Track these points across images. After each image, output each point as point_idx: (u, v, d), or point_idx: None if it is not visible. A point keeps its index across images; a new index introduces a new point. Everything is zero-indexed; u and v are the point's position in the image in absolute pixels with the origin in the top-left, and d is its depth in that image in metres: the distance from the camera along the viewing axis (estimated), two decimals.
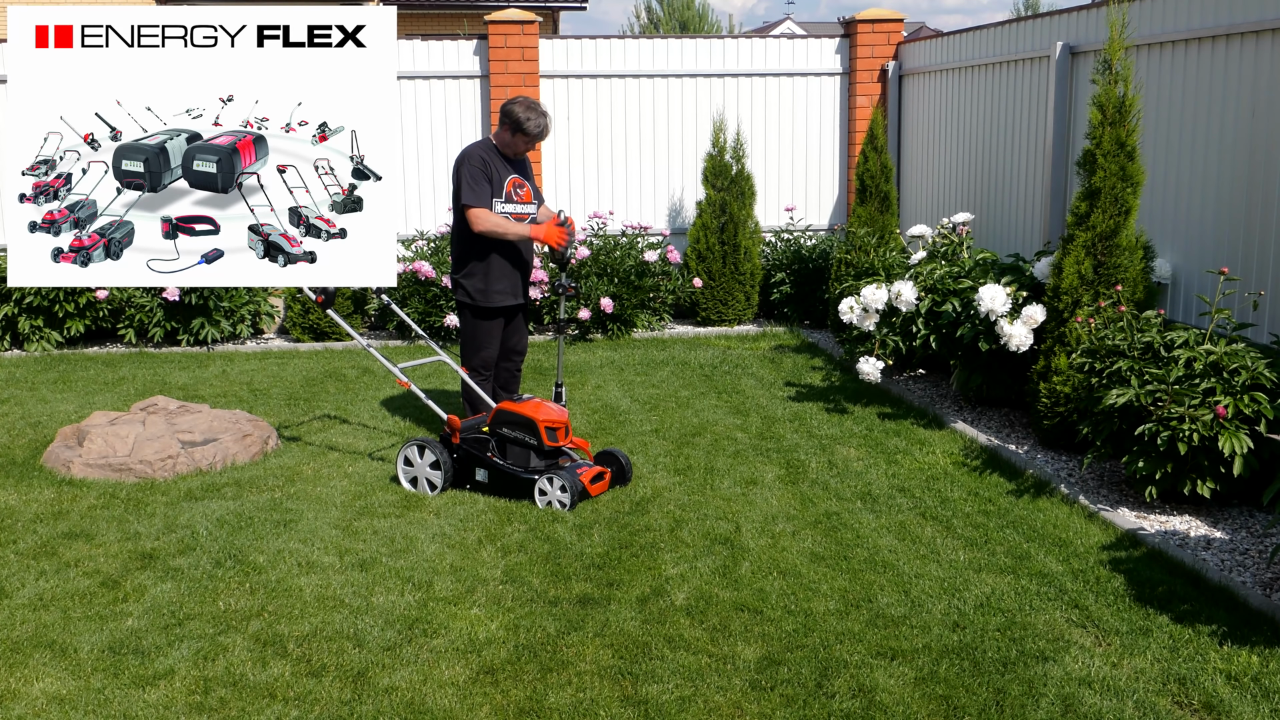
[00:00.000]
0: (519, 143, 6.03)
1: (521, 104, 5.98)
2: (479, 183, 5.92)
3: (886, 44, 10.51)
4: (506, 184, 6.03)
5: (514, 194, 6.07)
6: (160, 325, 9.36)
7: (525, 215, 6.12)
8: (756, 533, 5.07)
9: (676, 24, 46.24)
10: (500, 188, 6.01)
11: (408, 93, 10.37)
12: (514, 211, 6.06)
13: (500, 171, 6.02)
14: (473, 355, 6.22)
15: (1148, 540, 4.88)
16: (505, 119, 5.99)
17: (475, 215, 5.90)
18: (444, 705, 3.64)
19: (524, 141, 6.02)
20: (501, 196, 6.01)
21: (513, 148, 6.06)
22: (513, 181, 6.07)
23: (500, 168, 6.03)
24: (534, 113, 5.96)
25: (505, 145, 6.06)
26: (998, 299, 6.40)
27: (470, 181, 5.92)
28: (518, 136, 6.00)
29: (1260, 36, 5.82)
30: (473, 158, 5.98)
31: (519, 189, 6.10)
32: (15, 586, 4.54)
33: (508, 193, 6.04)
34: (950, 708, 3.60)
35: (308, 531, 5.10)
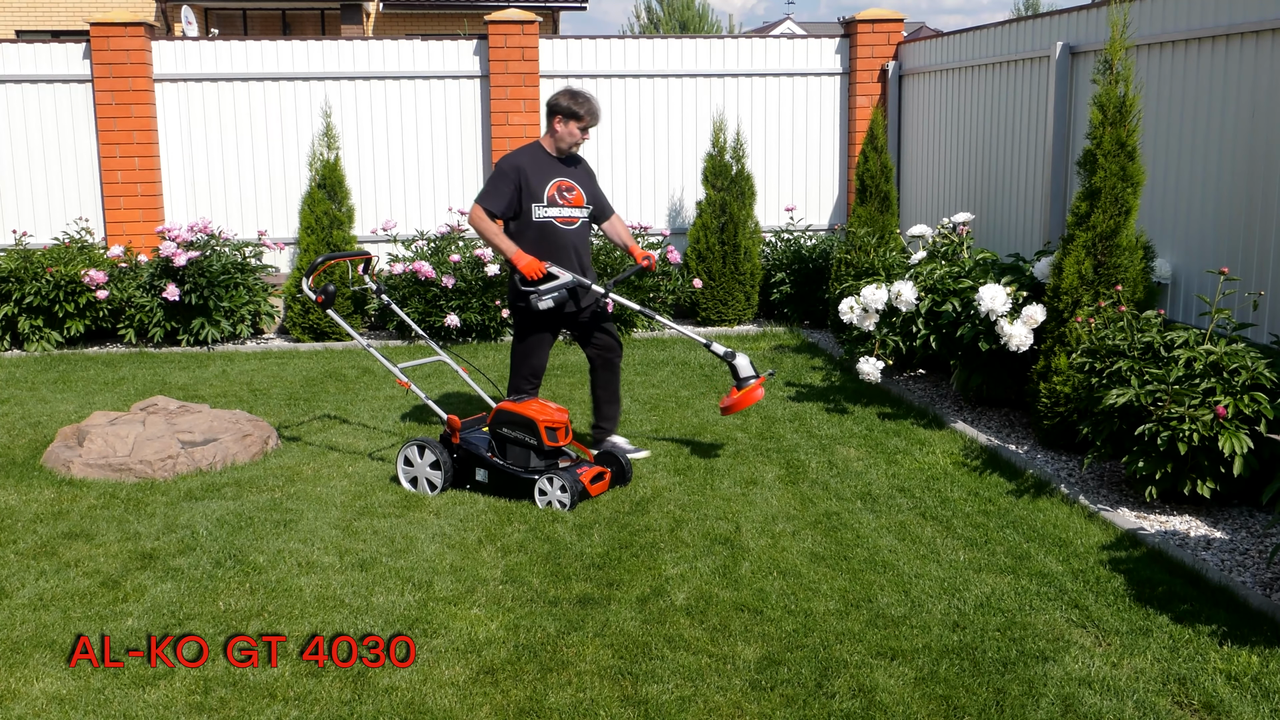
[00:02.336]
0: (574, 131, 5.88)
1: (566, 94, 5.88)
2: (498, 186, 5.84)
3: (886, 44, 10.51)
4: (550, 187, 5.90)
5: (559, 197, 5.92)
6: (160, 325, 9.36)
7: (574, 219, 5.97)
8: (756, 533, 5.07)
9: (676, 24, 46.23)
10: (540, 192, 5.88)
11: (408, 93, 10.37)
12: (559, 216, 5.92)
13: (543, 175, 5.90)
14: (521, 363, 6.11)
15: (1148, 540, 4.88)
16: (554, 111, 5.87)
17: (472, 211, 5.88)
18: (444, 705, 3.64)
19: (579, 127, 5.87)
20: (542, 200, 5.88)
21: (567, 140, 5.90)
22: (559, 184, 5.93)
23: (545, 171, 5.91)
24: (580, 96, 5.87)
25: (560, 139, 5.92)
26: (998, 299, 6.40)
27: (491, 182, 5.88)
28: (571, 124, 5.86)
29: (1260, 36, 5.82)
30: (507, 162, 5.91)
31: (567, 191, 5.95)
32: (15, 586, 4.54)
33: (550, 196, 5.89)
34: (950, 708, 3.59)
35: (308, 531, 5.10)
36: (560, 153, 5.98)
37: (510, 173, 5.86)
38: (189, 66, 10.15)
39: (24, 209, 10.15)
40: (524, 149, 6.02)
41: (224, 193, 10.36)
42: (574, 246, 6.00)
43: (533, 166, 5.90)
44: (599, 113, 5.97)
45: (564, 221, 5.95)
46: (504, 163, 5.93)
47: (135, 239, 10.01)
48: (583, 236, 6.06)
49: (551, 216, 5.91)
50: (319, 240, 9.69)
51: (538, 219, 5.89)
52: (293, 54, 10.22)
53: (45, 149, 10.11)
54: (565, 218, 5.95)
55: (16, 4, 23.40)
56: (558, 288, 5.81)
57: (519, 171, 5.86)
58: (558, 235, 5.94)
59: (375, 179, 10.45)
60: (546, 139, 5.98)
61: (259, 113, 10.29)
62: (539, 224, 5.90)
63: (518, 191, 5.86)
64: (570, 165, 6.03)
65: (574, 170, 6.04)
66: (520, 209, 5.89)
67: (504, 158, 5.97)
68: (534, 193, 5.87)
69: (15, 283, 9.20)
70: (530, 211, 5.88)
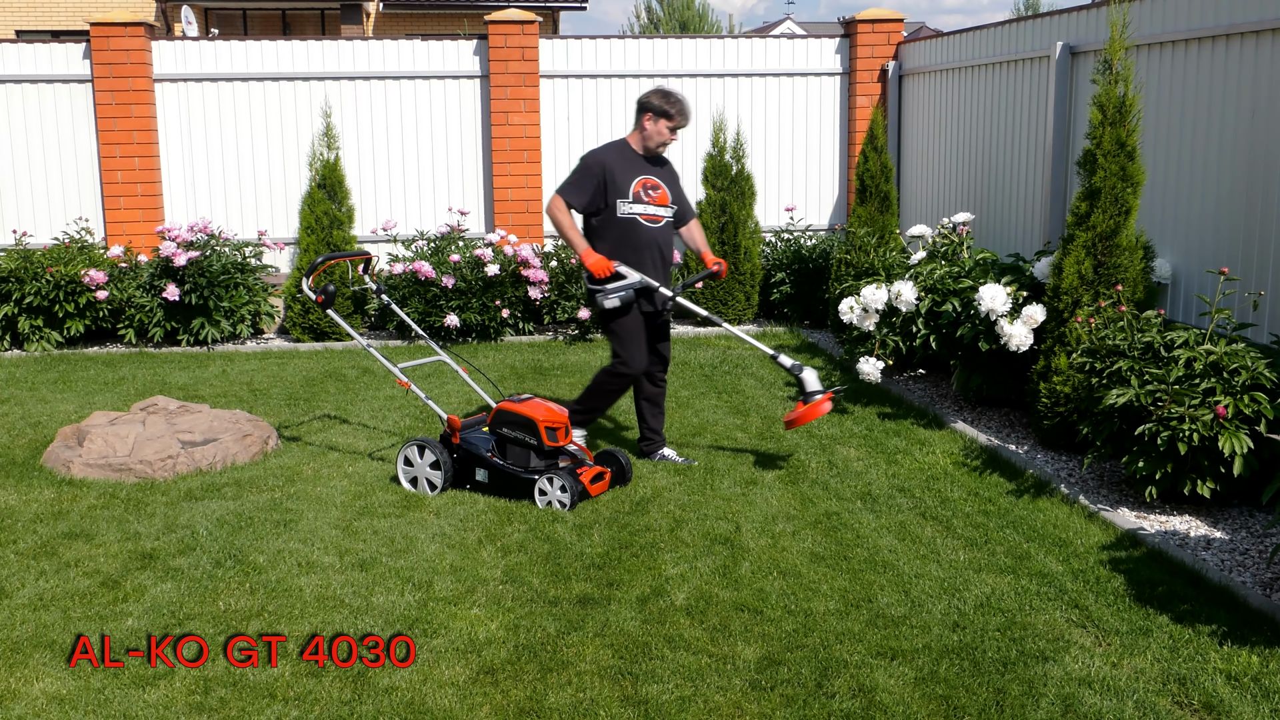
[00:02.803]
0: (663, 130, 5.83)
1: (657, 93, 5.85)
2: (582, 179, 5.79)
3: (886, 44, 10.51)
4: (635, 184, 5.83)
5: (644, 195, 5.86)
6: (160, 325, 9.36)
7: (659, 218, 5.91)
8: (756, 533, 5.06)
9: (676, 24, 46.24)
10: (626, 188, 5.82)
11: (408, 93, 10.37)
12: (644, 213, 5.85)
13: (629, 172, 5.84)
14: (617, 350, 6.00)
15: (1148, 540, 4.88)
16: (645, 109, 5.83)
17: (551, 201, 5.82)
18: (444, 705, 3.64)
19: (669, 127, 5.83)
20: (628, 197, 5.82)
21: (656, 139, 5.86)
22: (644, 182, 5.86)
23: (631, 168, 5.85)
24: (672, 96, 5.82)
25: (648, 138, 5.87)
26: (998, 299, 6.40)
27: (574, 175, 5.83)
28: (661, 122, 5.81)
29: (1260, 36, 5.82)
30: (592, 157, 5.86)
31: (652, 190, 5.89)
32: (15, 586, 4.54)
33: (635, 193, 5.83)
34: (950, 708, 3.59)
35: (308, 531, 5.10)
36: (647, 151, 5.92)
37: (595, 167, 5.79)
38: (189, 66, 10.15)
39: (24, 209, 10.15)
40: (610, 145, 5.97)
41: (224, 193, 10.36)
42: (657, 245, 5.93)
43: (618, 163, 5.83)
44: (690, 113, 5.91)
45: (649, 219, 5.87)
46: (589, 157, 5.86)
47: (135, 239, 10.01)
48: (666, 236, 5.98)
49: (636, 213, 5.84)
50: (319, 240, 9.69)
51: (622, 215, 5.82)
52: (293, 54, 10.22)
53: (45, 149, 10.11)
54: (650, 215, 5.88)
55: (16, 4, 23.40)
56: (625, 287, 5.77)
57: (604, 167, 5.79)
58: (641, 233, 5.86)
59: (375, 179, 10.45)
60: (634, 136, 5.93)
61: (259, 113, 10.29)
62: (624, 220, 5.82)
63: (601, 187, 5.78)
64: (656, 165, 5.97)
65: (660, 170, 5.98)
66: (605, 204, 5.81)
67: (590, 152, 5.92)
68: (619, 188, 5.80)
69: (15, 283, 9.20)
70: (615, 207, 5.80)
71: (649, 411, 6.16)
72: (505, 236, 9.92)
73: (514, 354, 9.12)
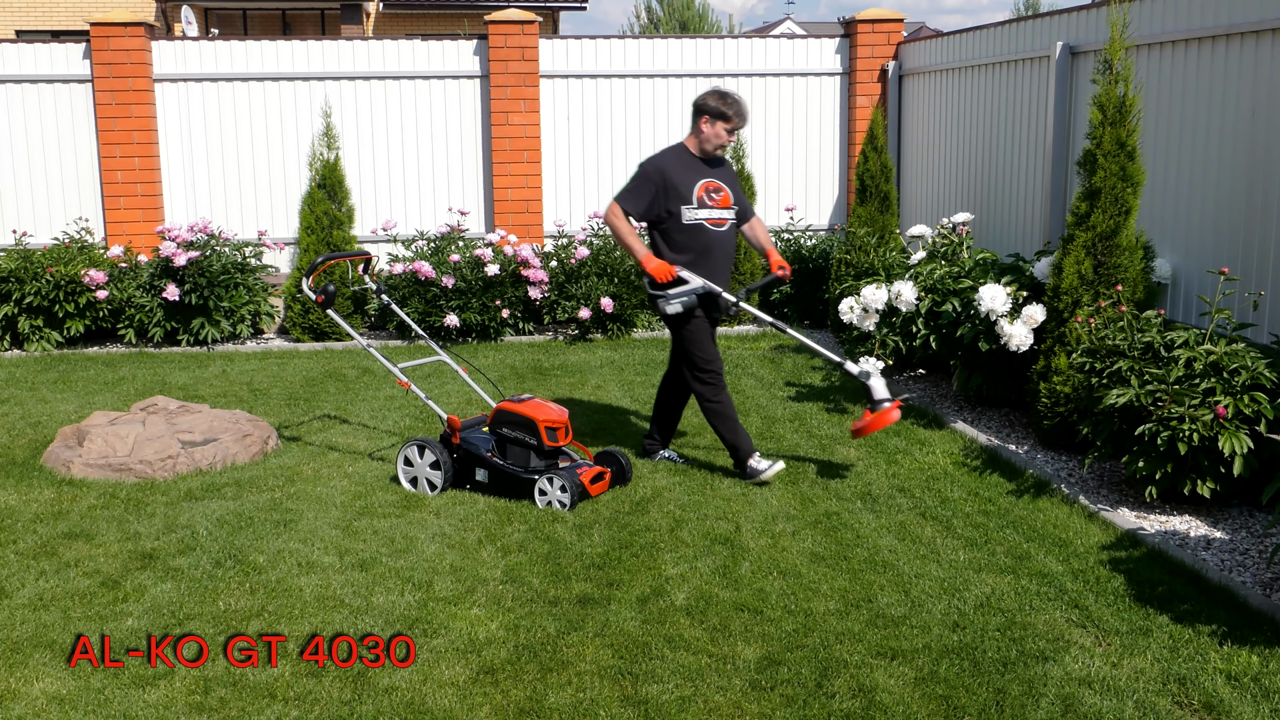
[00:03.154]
0: (720, 132, 5.72)
1: (714, 94, 5.72)
2: (640, 187, 5.69)
3: (886, 44, 10.51)
4: (698, 188, 5.72)
5: (708, 198, 5.74)
6: (160, 325, 9.36)
7: (724, 221, 5.79)
8: (756, 533, 5.06)
9: (676, 24, 46.24)
10: (689, 194, 5.70)
11: (408, 93, 10.37)
12: (708, 217, 5.74)
13: (689, 176, 5.73)
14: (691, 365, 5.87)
15: (1148, 540, 4.88)
16: (703, 111, 5.72)
17: (609, 209, 5.72)
18: (444, 705, 3.64)
19: (726, 129, 5.71)
20: (692, 202, 5.70)
21: (713, 140, 5.74)
22: (706, 185, 5.75)
23: (691, 172, 5.74)
24: (729, 97, 5.71)
25: (706, 141, 5.76)
26: (998, 299, 6.40)
27: (633, 182, 5.73)
28: (718, 124, 5.70)
29: (1260, 36, 5.82)
30: (651, 164, 5.75)
31: (715, 193, 5.77)
32: (15, 586, 4.54)
33: (699, 198, 5.71)
34: (950, 708, 3.59)
35: (308, 531, 5.10)
36: (704, 154, 5.81)
37: (653, 175, 5.70)
38: (189, 66, 10.15)
39: (24, 209, 10.15)
40: (667, 150, 5.85)
41: (224, 193, 10.36)
42: (723, 248, 5.83)
43: (677, 168, 5.73)
44: (747, 114, 5.82)
45: (714, 223, 5.77)
46: (648, 164, 5.76)
47: (135, 239, 10.01)
48: (731, 239, 5.88)
49: (702, 219, 5.73)
50: (319, 240, 9.69)
51: (689, 221, 5.71)
52: (293, 54, 10.22)
53: (45, 149, 10.11)
54: (715, 219, 5.77)
55: (16, 4, 23.40)
56: (687, 293, 5.67)
57: (662, 174, 5.69)
58: (708, 237, 5.75)
59: (375, 179, 10.45)
60: (690, 140, 5.82)
61: (259, 113, 10.28)
62: (690, 226, 5.72)
63: (660, 194, 5.68)
64: (714, 166, 5.86)
65: (719, 171, 5.87)
66: (669, 211, 5.70)
67: (648, 159, 5.82)
68: (682, 195, 5.69)
69: (15, 283, 9.20)
70: (680, 214, 5.69)
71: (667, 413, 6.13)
72: (505, 236, 9.92)
73: (514, 354, 9.12)
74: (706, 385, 5.85)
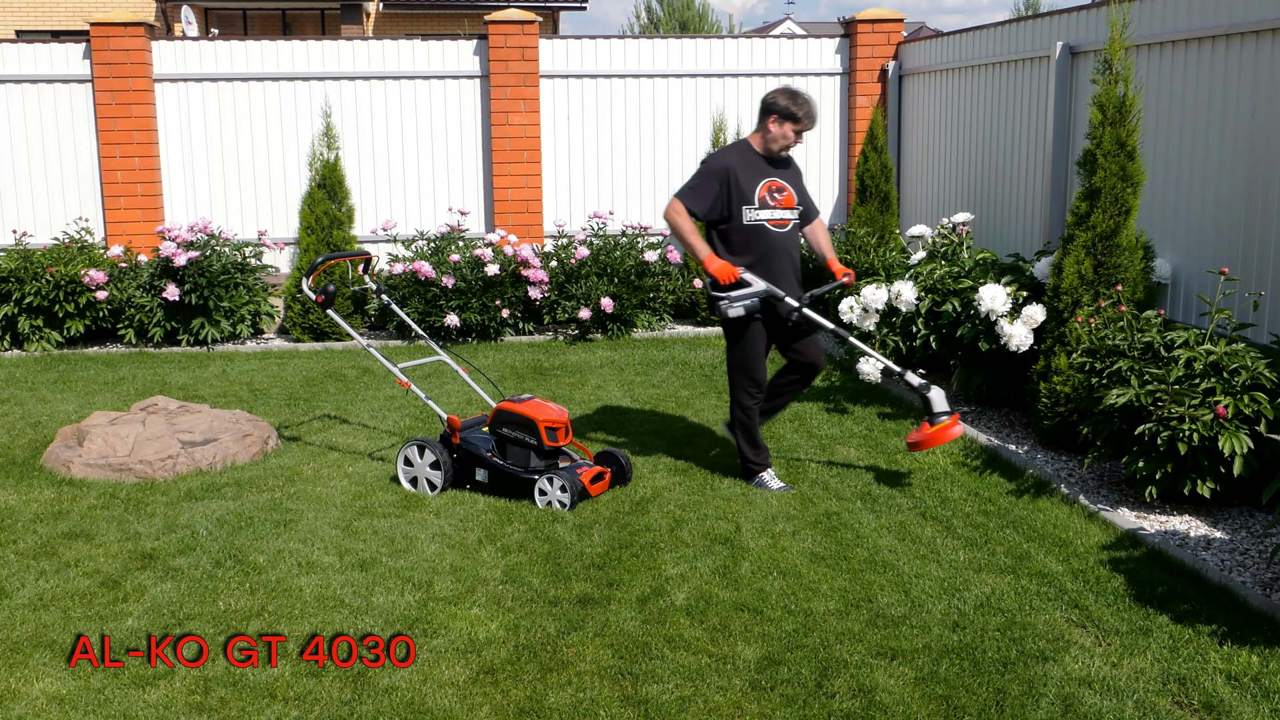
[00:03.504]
0: (788, 133, 5.56)
1: (784, 93, 5.57)
2: (704, 185, 5.55)
3: (886, 44, 10.51)
4: (760, 188, 5.56)
5: (770, 198, 5.58)
6: (160, 325, 9.36)
7: (786, 222, 5.63)
8: (756, 533, 5.06)
9: (676, 24, 46.24)
10: (751, 194, 5.54)
11: (408, 93, 10.37)
12: (770, 218, 5.58)
13: (753, 175, 5.57)
14: (739, 375, 5.74)
15: (1148, 540, 4.88)
16: (772, 110, 5.56)
17: (670, 206, 5.56)
18: (444, 705, 3.64)
19: (794, 130, 5.56)
20: (753, 202, 5.54)
21: (780, 141, 5.59)
22: (769, 185, 5.59)
23: (754, 171, 5.59)
24: (800, 97, 5.56)
25: (772, 140, 5.60)
26: (998, 299, 6.40)
27: (696, 180, 5.59)
28: (787, 125, 5.54)
29: (1260, 36, 5.82)
30: (715, 161, 5.60)
31: (778, 192, 5.61)
32: (15, 586, 4.54)
33: (761, 198, 5.56)
34: (950, 708, 3.59)
35: (308, 531, 5.10)
36: (769, 153, 5.65)
37: (718, 173, 5.55)
38: (189, 66, 10.15)
39: (24, 209, 10.15)
40: (731, 147, 5.70)
41: (224, 193, 10.36)
42: (786, 250, 5.66)
43: (742, 166, 5.58)
44: (817, 115, 5.68)
45: (776, 224, 5.61)
46: (712, 161, 5.61)
47: (135, 239, 10.01)
48: (794, 240, 5.72)
49: (763, 219, 5.57)
50: (319, 240, 9.69)
51: (749, 222, 5.55)
52: (293, 54, 10.22)
53: (45, 149, 10.11)
54: (777, 220, 5.62)
55: (16, 4, 23.40)
56: (749, 295, 5.49)
57: (727, 172, 5.54)
58: (769, 238, 5.60)
59: (375, 179, 10.45)
60: (755, 138, 5.67)
61: (259, 113, 10.28)
62: (750, 227, 5.56)
63: (724, 193, 5.54)
64: (779, 166, 5.70)
65: (784, 171, 5.71)
66: (730, 211, 5.56)
67: (712, 156, 5.68)
68: (744, 194, 5.54)
69: (15, 283, 9.20)
70: (741, 214, 5.54)
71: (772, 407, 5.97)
72: (505, 236, 9.92)
73: (514, 354, 9.12)
74: (748, 396, 5.73)
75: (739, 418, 5.78)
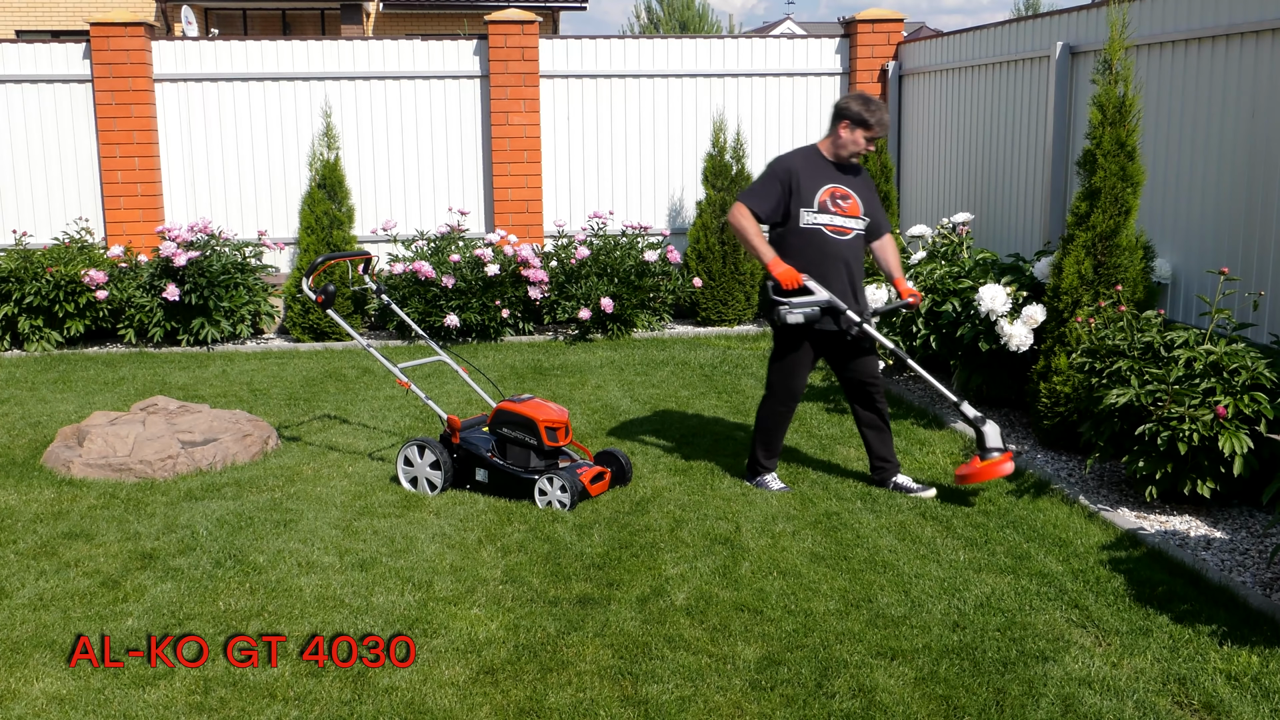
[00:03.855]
0: (859, 139, 5.44)
1: (858, 99, 5.44)
2: (767, 186, 5.44)
3: (886, 44, 10.51)
4: (822, 193, 5.43)
5: (832, 204, 5.44)
6: (160, 325, 9.36)
7: (847, 230, 5.46)
8: (756, 533, 5.06)
9: (676, 24, 46.23)
10: (811, 198, 5.42)
11: (408, 93, 10.37)
12: (828, 223, 5.43)
13: (817, 179, 5.45)
14: (778, 384, 5.66)
15: (1148, 540, 4.88)
16: (844, 115, 5.44)
17: (734, 209, 5.45)
18: (444, 705, 3.64)
19: (866, 136, 5.44)
20: (813, 206, 5.41)
21: (850, 147, 5.47)
22: (832, 190, 5.45)
23: (819, 176, 5.46)
24: (873, 104, 5.44)
25: (841, 146, 5.48)
26: (998, 299, 6.40)
27: (760, 182, 5.49)
28: (858, 132, 5.42)
29: (1260, 36, 5.82)
30: (780, 163, 5.50)
31: (842, 199, 5.47)
32: (15, 586, 4.54)
33: (822, 203, 5.42)
34: (950, 708, 3.59)
35: (308, 531, 5.10)
36: (838, 159, 5.53)
37: (782, 174, 5.44)
38: (189, 66, 10.15)
39: (24, 209, 10.15)
40: (798, 150, 5.59)
41: (224, 193, 10.36)
42: (845, 260, 5.47)
43: (806, 169, 5.46)
44: (889, 124, 5.56)
45: (835, 230, 5.44)
46: (776, 163, 5.51)
47: (135, 239, 10.01)
48: (855, 251, 5.52)
49: (821, 224, 5.42)
50: (319, 240, 9.69)
51: (805, 225, 5.42)
52: (293, 54, 10.22)
53: (45, 149, 10.11)
54: (837, 227, 5.44)
55: (16, 4, 23.40)
56: (811, 304, 5.33)
57: (791, 174, 5.43)
58: (826, 245, 5.44)
59: (375, 179, 10.45)
60: (825, 143, 5.55)
61: (259, 113, 10.29)
62: (806, 231, 5.42)
63: (787, 195, 5.42)
64: (849, 173, 5.55)
65: (853, 179, 5.55)
66: (788, 213, 5.44)
67: (777, 158, 5.57)
68: (804, 197, 5.42)
69: (15, 283, 9.20)
70: (798, 217, 5.42)
71: (874, 439, 5.69)
72: (505, 236, 9.92)
73: (514, 354, 9.12)
74: (779, 403, 5.66)
75: (763, 419, 5.69)
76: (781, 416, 5.69)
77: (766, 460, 5.74)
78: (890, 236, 5.72)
